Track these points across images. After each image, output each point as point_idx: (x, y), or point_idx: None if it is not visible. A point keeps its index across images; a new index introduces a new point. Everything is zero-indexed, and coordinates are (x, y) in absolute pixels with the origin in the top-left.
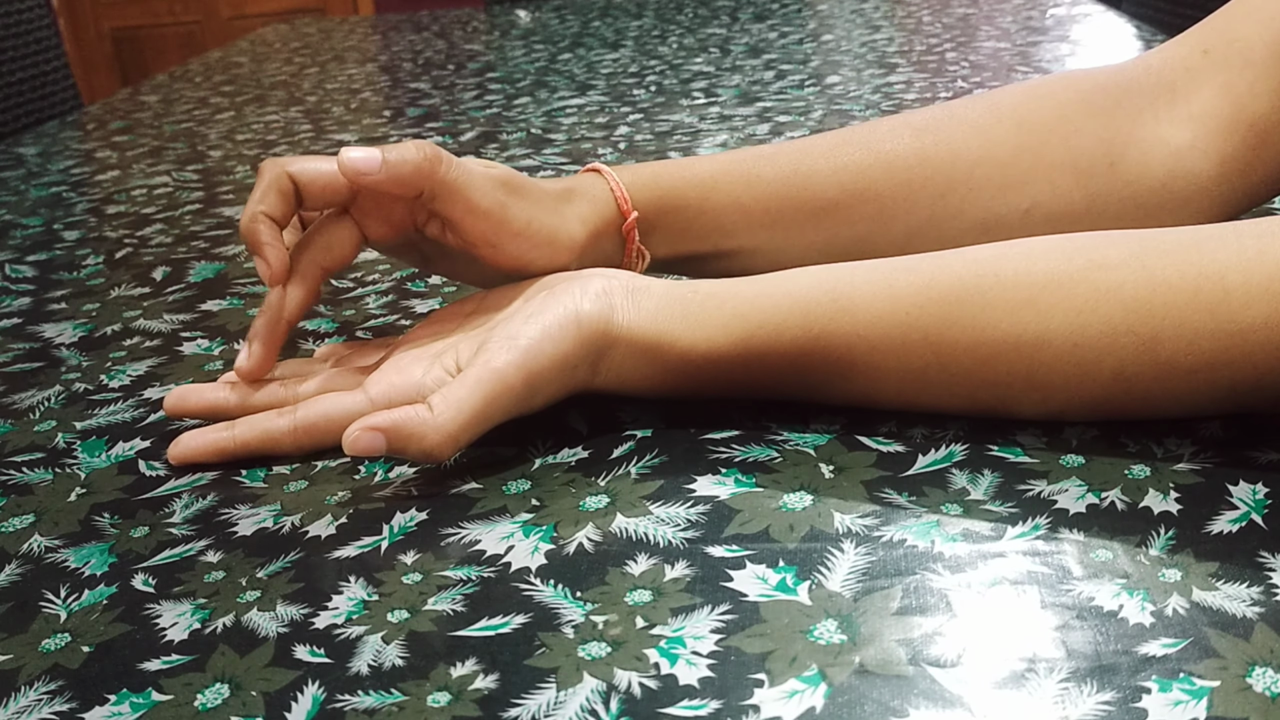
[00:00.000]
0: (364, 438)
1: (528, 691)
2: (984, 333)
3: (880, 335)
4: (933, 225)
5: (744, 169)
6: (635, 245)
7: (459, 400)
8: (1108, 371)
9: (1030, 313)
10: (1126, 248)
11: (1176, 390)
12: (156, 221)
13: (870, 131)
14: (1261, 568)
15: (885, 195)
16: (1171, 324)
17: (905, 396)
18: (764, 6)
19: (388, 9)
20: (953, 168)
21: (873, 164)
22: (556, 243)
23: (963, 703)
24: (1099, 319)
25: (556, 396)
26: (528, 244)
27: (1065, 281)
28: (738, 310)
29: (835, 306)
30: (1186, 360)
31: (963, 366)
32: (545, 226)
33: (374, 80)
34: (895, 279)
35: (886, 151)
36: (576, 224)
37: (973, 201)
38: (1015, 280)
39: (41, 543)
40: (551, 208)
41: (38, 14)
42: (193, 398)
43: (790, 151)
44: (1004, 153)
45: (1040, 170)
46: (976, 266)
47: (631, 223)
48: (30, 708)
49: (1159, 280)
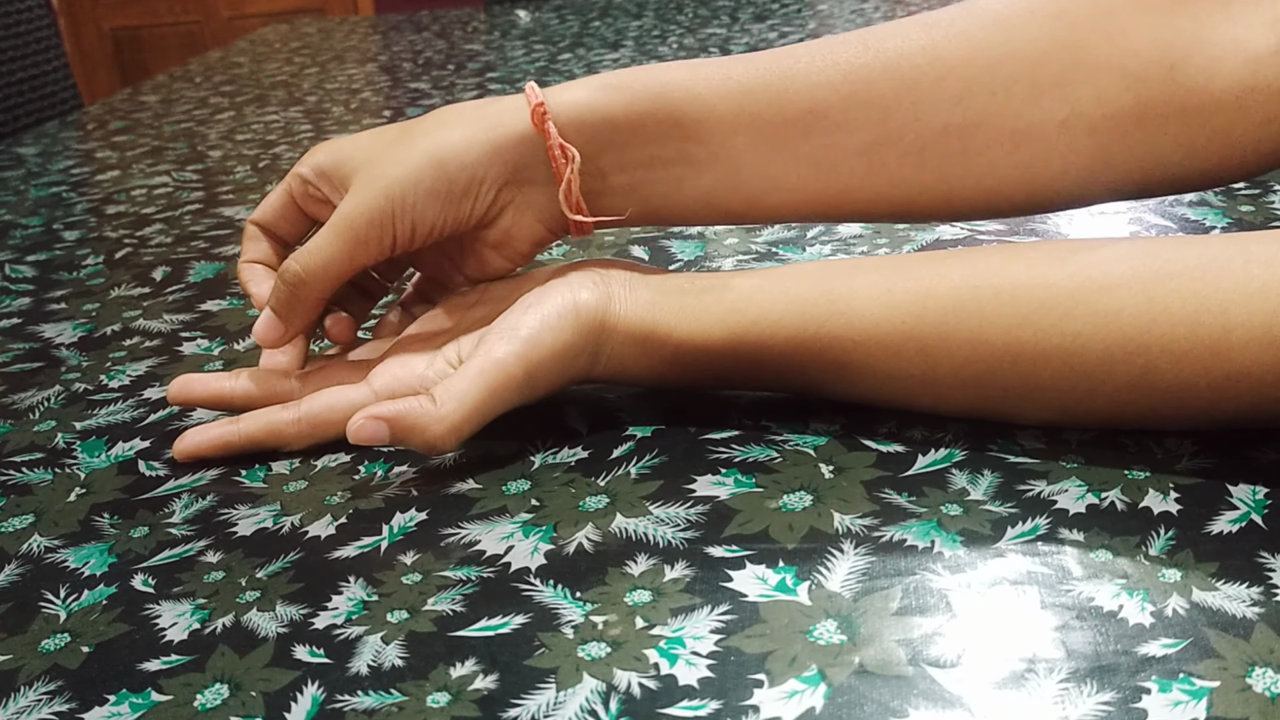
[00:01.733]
0: (368, 426)
1: (527, 692)
2: (979, 348)
3: (876, 342)
4: (951, 136)
5: (710, 68)
6: (554, 141)
7: (461, 392)
8: (1104, 395)
9: (1028, 331)
10: (1129, 266)
11: (1173, 418)
12: (156, 221)
13: (872, 29)
14: (1261, 568)
15: (888, 98)
16: (1169, 359)
17: (901, 399)
18: (764, 6)
19: (388, 9)
20: (970, 66)
21: (870, 62)
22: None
23: (963, 703)
24: (1097, 343)
25: (557, 385)
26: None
27: (1064, 300)
28: (734, 305)
29: (832, 309)
30: (1182, 394)
31: (959, 377)
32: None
33: (374, 80)
34: (893, 285)
35: (888, 49)
36: (477, 156)
37: (997, 108)
38: (1013, 295)
39: (41, 543)
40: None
41: (38, 14)
42: (197, 386)
43: (771, 52)
44: (1035, 49)
45: (1081, 71)
46: (975, 277)
47: (539, 111)
48: (30, 708)
49: (1159, 308)
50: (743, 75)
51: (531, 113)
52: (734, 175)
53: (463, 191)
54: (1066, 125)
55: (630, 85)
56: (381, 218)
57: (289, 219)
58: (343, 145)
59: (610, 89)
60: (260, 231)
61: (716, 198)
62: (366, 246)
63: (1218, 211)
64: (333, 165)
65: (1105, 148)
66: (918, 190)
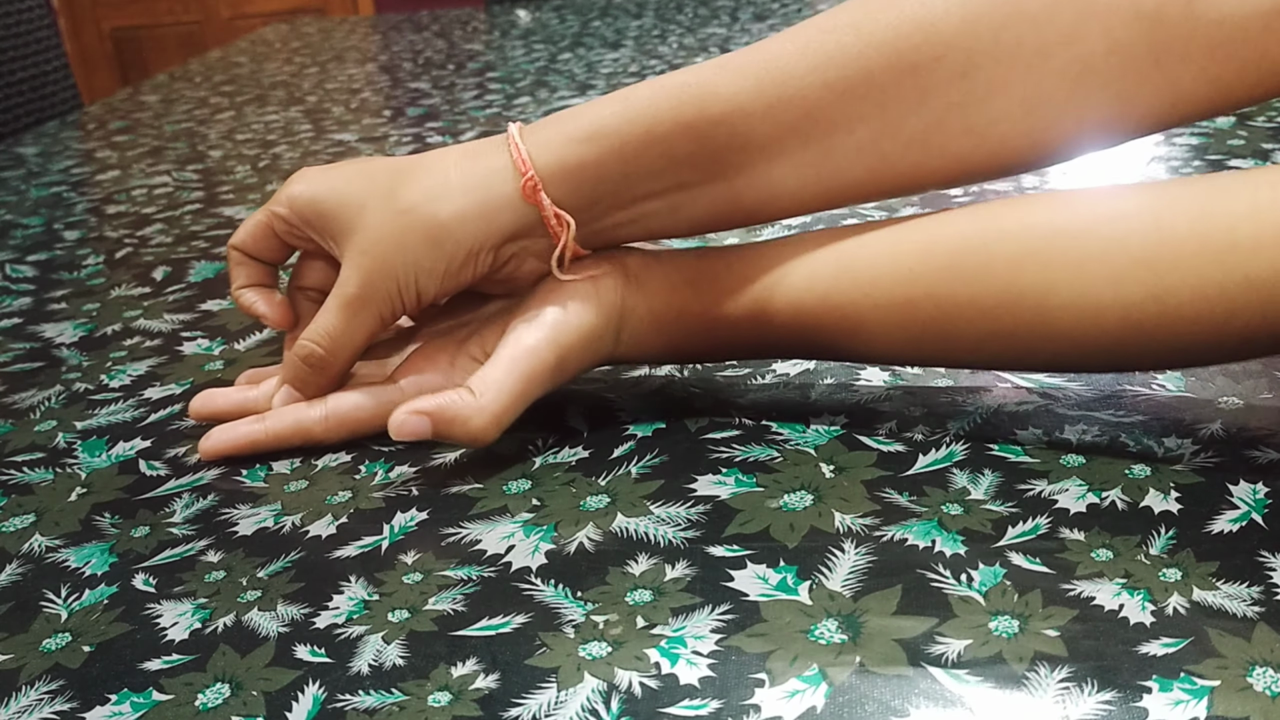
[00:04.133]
0: (410, 422)
1: (528, 691)
2: (987, 285)
3: (884, 293)
4: (957, 114)
5: (696, 89)
6: (548, 212)
7: (498, 381)
8: (1114, 320)
9: (1034, 263)
10: (1136, 199)
11: (1186, 339)
12: (156, 221)
13: (860, 5)
14: (1261, 567)
15: (886, 89)
16: (1179, 274)
17: (913, 353)
18: (764, 6)
19: (388, 9)
20: (971, 36)
21: (863, 49)
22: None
23: (963, 703)
24: (1105, 269)
25: (584, 368)
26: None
27: (1071, 231)
28: (745, 274)
29: (839, 266)
30: (1195, 309)
31: (968, 319)
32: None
33: (374, 80)
34: (899, 237)
35: (880, 29)
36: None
37: (1004, 76)
38: (1018, 232)
39: (42, 542)
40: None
41: (38, 14)
42: (220, 399)
43: (759, 54)
44: (1040, 4)
45: (1092, 22)
46: (979, 221)
47: (530, 184)
48: (31, 707)
49: (1167, 231)
50: (734, 94)
51: (523, 186)
52: (731, 192)
53: (461, 264)
54: (1080, 81)
55: (617, 130)
56: (389, 296)
57: (271, 246)
58: (321, 192)
59: (598, 139)
60: (245, 256)
61: (716, 214)
62: (382, 321)
63: None
64: (315, 215)
65: (1123, 95)
66: (925, 174)
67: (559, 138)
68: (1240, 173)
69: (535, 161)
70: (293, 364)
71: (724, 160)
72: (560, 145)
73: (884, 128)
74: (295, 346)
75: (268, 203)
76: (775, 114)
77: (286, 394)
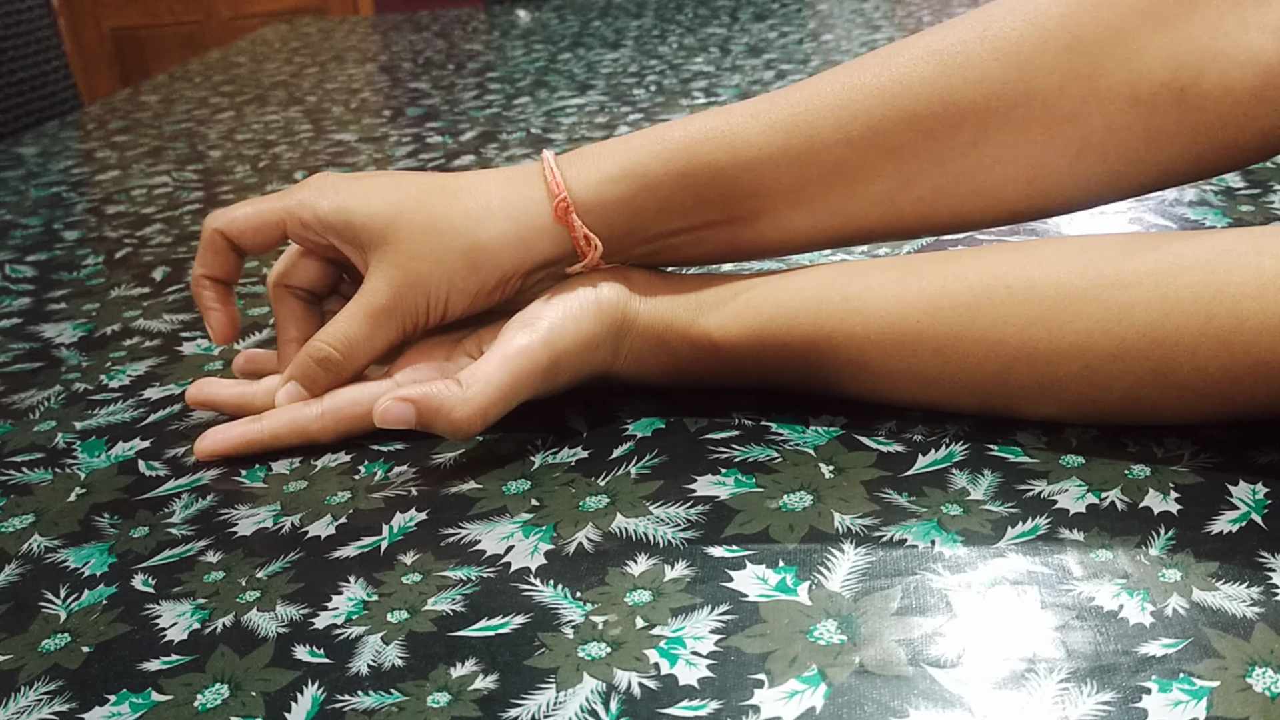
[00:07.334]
0: (394, 408)
1: (527, 692)
2: (996, 346)
3: (891, 341)
4: (967, 179)
5: (732, 137)
6: (579, 234)
7: (487, 376)
8: (1119, 391)
9: (1041, 329)
10: (1142, 263)
11: (1190, 409)
12: (156, 221)
13: (884, 66)
14: (1261, 568)
15: (904, 150)
16: (1184, 352)
17: (915, 396)
18: (764, 6)
19: (388, 9)
20: (986, 111)
21: (886, 112)
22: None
23: (963, 703)
24: (1111, 341)
25: (578, 378)
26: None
27: (1077, 298)
28: (750, 301)
29: (848, 307)
30: (1199, 386)
31: (974, 376)
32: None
33: (374, 80)
34: (908, 284)
35: (901, 92)
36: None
37: (1012, 147)
38: (1027, 294)
39: (41, 543)
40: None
41: (38, 14)
42: (217, 389)
43: (791, 104)
44: (1049, 85)
45: (1093, 103)
46: (988, 276)
47: (563, 206)
48: (30, 708)
49: (1172, 303)
50: (766, 144)
51: (555, 207)
52: (753, 232)
53: (493, 288)
54: (1080, 157)
55: (653, 170)
56: (416, 310)
57: (263, 238)
58: (351, 203)
59: (634, 178)
60: (226, 244)
61: (733, 248)
62: (403, 333)
63: (1217, 211)
64: (343, 224)
65: (1116, 170)
66: (931, 225)
67: (596, 175)
68: (1245, 235)
69: (573, 195)
70: (304, 364)
71: (749, 204)
72: (598, 182)
73: (899, 185)
74: (310, 347)
75: (278, 198)
76: (801, 167)
77: (292, 392)
